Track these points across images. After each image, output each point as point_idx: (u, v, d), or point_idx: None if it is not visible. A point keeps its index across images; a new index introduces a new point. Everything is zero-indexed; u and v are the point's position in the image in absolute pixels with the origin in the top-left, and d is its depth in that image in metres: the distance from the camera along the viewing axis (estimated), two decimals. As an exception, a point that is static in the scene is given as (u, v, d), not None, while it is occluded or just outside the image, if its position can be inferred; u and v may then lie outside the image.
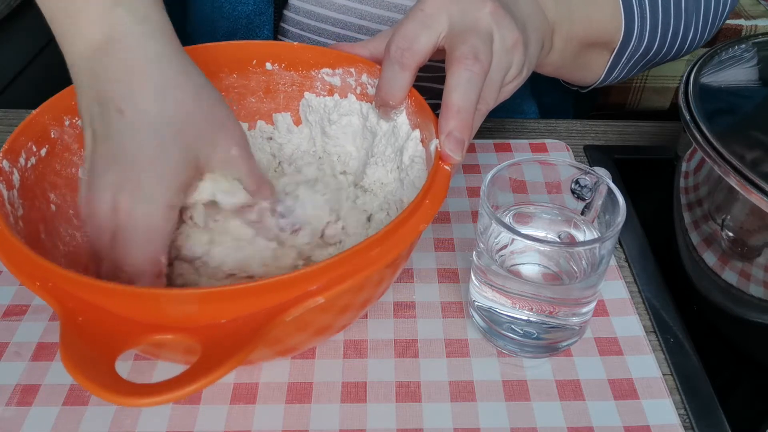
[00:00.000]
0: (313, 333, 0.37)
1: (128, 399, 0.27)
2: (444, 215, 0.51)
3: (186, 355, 0.33)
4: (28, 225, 0.37)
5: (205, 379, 0.27)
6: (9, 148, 0.37)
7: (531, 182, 0.40)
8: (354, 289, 0.32)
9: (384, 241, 0.32)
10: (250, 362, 0.39)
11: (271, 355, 0.38)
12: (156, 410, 0.38)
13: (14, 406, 0.38)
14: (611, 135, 0.62)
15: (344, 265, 0.31)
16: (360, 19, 0.60)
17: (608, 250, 0.36)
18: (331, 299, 0.31)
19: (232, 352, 0.28)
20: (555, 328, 0.39)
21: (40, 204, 0.39)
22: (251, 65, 0.48)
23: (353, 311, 0.38)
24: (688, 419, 0.38)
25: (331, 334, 0.40)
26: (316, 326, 0.36)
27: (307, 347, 0.40)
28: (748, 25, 0.98)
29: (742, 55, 0.50)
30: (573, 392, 0.39)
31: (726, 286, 0.43)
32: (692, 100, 0.43)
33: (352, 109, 0.47)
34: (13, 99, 0.89)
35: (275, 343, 0.35)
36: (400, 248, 0.33)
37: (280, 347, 0.37)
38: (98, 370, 0.27)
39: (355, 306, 0.37)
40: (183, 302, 0.30)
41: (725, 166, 0.39)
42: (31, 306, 0.44)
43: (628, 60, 0.54)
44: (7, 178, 0.36)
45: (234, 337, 0.29)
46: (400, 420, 0.37)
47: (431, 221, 0.34)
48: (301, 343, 0.38)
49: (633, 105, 1.08)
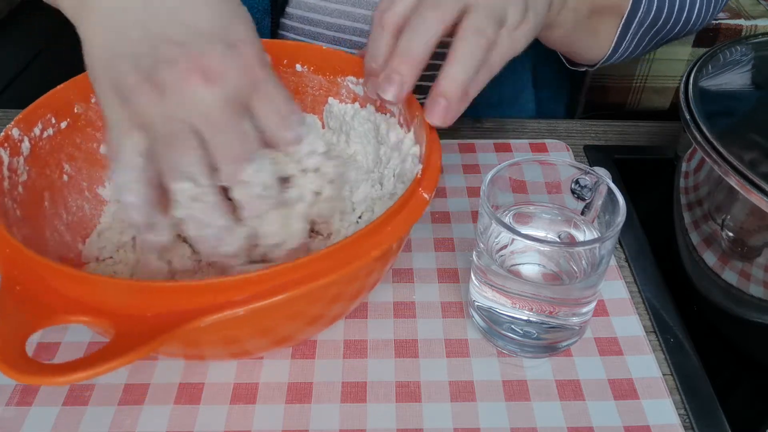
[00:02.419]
0: (267, 342, 0.38)
1: (27, 377, 0.27)
2: (444, 215, 0.51)
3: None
4: (30, 191, 0.39)
5: (107, 365, 0.28)
6: (23, 118, 0.39)
7: (531, 182, 0.40)
8: (280, 304, 0.31)
9: (332, 256, 0.32)
10: (250, 354, 0.40)
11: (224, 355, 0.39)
12: (156, 410, 0.38)
13: (14, 406, 0.38)
14: (611, 135, 0.62)
15: (271, 279, 0.31)
16: (354, 22, 0.60)
17: (608, 250, 0.36)
18: (252, 312, 0.30)
19: (140, 342, 0.28)
20: (555, 328, 0.39)
21: (51, 173, 0.41)
22: (283, 65, 0.48)
23: (299, 322, 0.37)
24: (688, 419, 0.38)
25: (287, 343, 0.40)
26: (265, 331, 0.36)
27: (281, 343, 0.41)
28: (748, 25, 0.98)
29: (742, 55, 0.50)
30: (573, 392, 0.39)
31: (726, 286, 0.43)
32: (692, 100, 0.43)
33: (369, 119, 0.47)
34: (13, 99, 0.89)
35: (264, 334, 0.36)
36: (348, 270, 0.32)
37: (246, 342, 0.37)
38: (8, 345, 0.28)
39: (303, 316, 0.37)
40: (106, 289, 0.31)
41: (725, 166, 0.39)
42: (31, 306, 0.44)
43: (636, 30, 0.53)
44: (14, 145, 0.38)
45: (150, 331, 0.29)
46: (400, 420, 0.37)
47: (381, 249, 0.33)
48: (257, 347, 0.39)
49: (633, 105, 1.08)
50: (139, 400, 0.38)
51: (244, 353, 0.39)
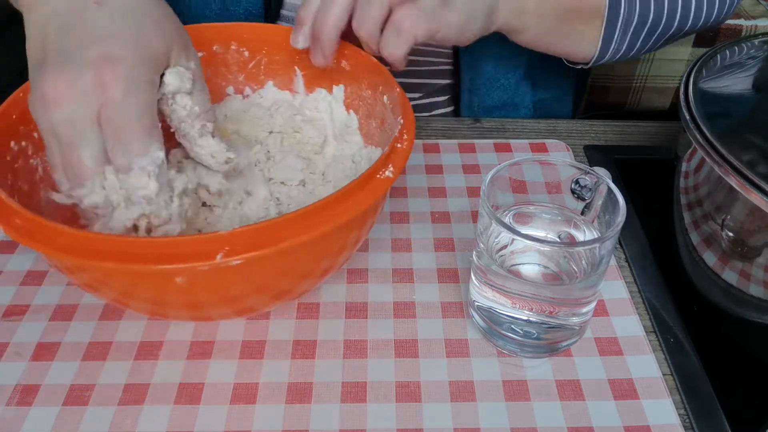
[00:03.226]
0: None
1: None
2: (444, 215, 0.51)
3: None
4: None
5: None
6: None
7: (531, 182, 0.40)
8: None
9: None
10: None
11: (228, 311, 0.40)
12: (156, 410, 0.38)
13: (14, 406, 0.38)
14: (611, 135, 0.62)
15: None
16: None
17: (608, 250, 0.36)
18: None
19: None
20: (555, 328, 0.39)
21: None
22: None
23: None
24: (688, 419, 0.38)
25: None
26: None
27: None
28: (748, 25, 0.98)
29: (742, 55, 0.50)
30: (573, 392, 0.39)
31: (726, 286, 0.43)
32: (692, 100, 0.43)
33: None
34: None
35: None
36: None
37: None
38: None
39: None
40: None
41: (725, 166, 0.38)
42: (31, 306, 0.44)
43: (624, 30, 0.54)
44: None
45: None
46: (400, 420, 0.37)
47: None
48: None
49: (633, 105, 1.08)
50: (139, 400, 0.38)
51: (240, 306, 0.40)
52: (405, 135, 0.39)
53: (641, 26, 0.54)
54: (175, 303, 0.37)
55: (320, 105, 0.51)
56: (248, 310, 0.41)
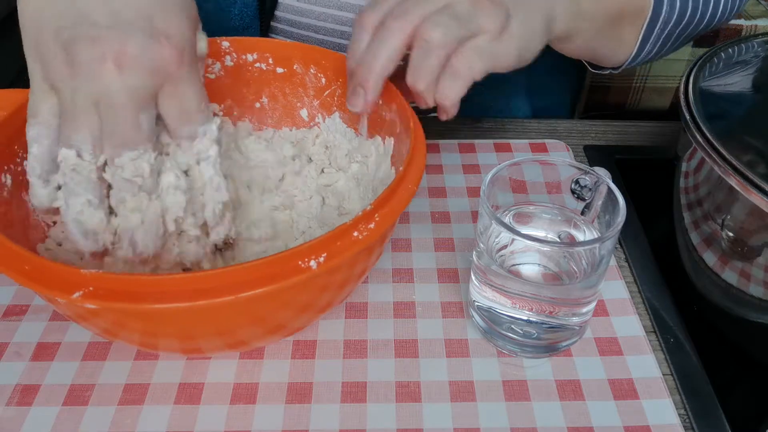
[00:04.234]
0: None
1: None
2: (444, 215, 0.51)
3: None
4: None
5: None
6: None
7: (531, 182, 0.40)
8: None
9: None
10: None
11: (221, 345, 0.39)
12: (156, 410, 0.38)
13: (14, 406, 0.38)
14: (611, 135, 0.62)
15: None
16: (341, 25, 0.61)
17: (608, 250, 0.36)
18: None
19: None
20: (555, 328, 0.39)
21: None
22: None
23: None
24: (688, 419, 0.38)
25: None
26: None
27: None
28: (748, 25, 0.98)
29: (742, 55, 0.50)
30: (573, 392, 0.39)
31: (726, 286, 0.43)
32: (692, 100, 0.43)
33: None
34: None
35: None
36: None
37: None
38: None
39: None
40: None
41: (725, 166, 0.39)
42: (31, 306, 0.44)
43: (661, 30, 0.52)
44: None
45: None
46: (400, 420, 0.37)
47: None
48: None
49: (633, 105, 1.08)
50: (139, 400, 0.38)
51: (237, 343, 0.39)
52: (376, 216, 0.35)
53: (676, 26, 0.53)
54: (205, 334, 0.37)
55: (373, 155, 0.47)
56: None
